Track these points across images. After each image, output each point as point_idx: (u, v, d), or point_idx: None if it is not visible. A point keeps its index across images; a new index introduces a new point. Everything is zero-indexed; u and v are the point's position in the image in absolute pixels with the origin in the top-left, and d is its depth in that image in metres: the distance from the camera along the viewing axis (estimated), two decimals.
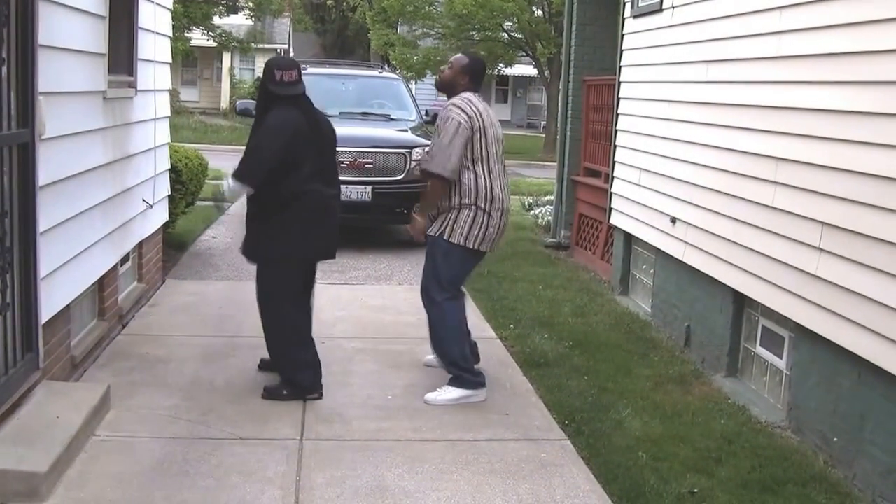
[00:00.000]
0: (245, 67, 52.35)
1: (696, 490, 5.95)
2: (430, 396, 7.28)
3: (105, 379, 7.22)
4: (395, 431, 6.65)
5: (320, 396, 7.20)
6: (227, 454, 6.10)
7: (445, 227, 7.26)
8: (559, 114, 15.70)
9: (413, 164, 13.61)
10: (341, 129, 14.14)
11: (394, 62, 39.13)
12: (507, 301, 10.64)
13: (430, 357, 7.91)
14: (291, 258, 7.14)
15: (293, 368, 7.22)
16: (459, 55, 7.67)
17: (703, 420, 7.20)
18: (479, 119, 7.19)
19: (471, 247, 7.25)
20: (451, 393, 7.29)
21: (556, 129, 16.94)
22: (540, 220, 17.30)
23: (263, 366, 7.68)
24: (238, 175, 6.91)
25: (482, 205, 7.20)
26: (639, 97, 10.78)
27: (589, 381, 7.95)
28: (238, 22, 45.82)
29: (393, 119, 15.71)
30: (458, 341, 7.42)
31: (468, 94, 7.34)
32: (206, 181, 14.20)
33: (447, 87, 7.50)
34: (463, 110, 7.17)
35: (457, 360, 7.35)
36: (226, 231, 14.79)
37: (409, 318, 9.76)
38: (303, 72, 16.95)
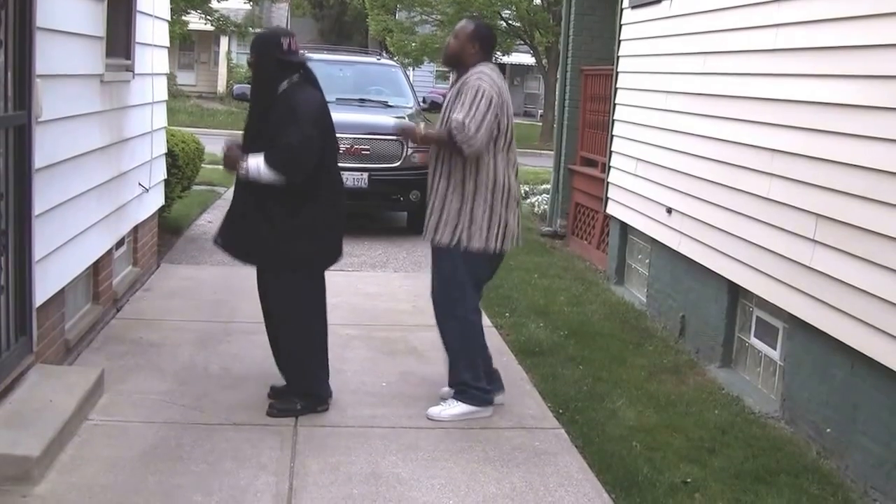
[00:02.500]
0: (242, 52, 52.13)
1: (689, 480, 5.96)
2: (434, 411, 6.73)
3: (99, 363, 7.22)
4: (389, 418, 6.65)
5: (328, 408, 6.74)
6: (221, 440, 6.10)
7: (461, 234, 6.53)
8: (556, 103, 15.69)
9: (410, 150, 13.61)
10: (338, 116, 14.11)
11: (391, 48, 39.13)
12: (502, 289, 10.64)
13: (447, 389, 7.00)
14: (321, 259, 6.69)
15: (314, 383, 6.73)
16: (463, 22, 6.85)
17: (696, 410, 7.21)
18: (502, 98, 6.50)
19: (492, 249, 6.60)
20: (456, 408, 6.74)
21: (554, 118, 16.95)
22: (536, 209, 17.30)
23: (275, 394, 6.83)
24: (278, 165, 6.20)
25: (500, 198, 6.55)
26: (636, 87, 10.77)
27: (583, 371, 7.96)
28: (236, 6, 45.66)
29: (390, 106, 15.68)
30: (475, 361, 6.80)
31: (487, 68, 6.59)
32: (203, 165, 14.17)
33: (456, 60, 6.73)
34: (489, 83, 6.44)
35: (469, 382, 6.75)
36: (221, 216, 14.68)
37: (404, 305, 9.77)
38: None
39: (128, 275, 9.49)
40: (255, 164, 6.25)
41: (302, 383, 6.70)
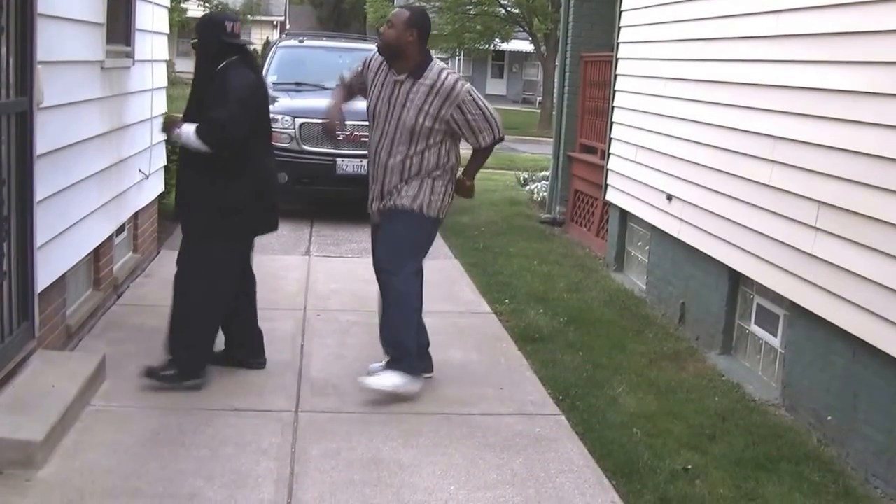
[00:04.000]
0: None
1: (689, 466, 5.97)
2: (370, 381, 6.71)
3: (100, 349, 7.22)
4: (389, 404, 6.65)
5: (200, 387, 6.71)
6: (223, 425, 6.11)
7: (422, 200, 6.71)
8: (556, 90, 15.69)
9: None
10: None
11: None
12: (502, 276, 10.65)
13: (376, 365, 7.08)
14: (240, 233, 6.83)
15: (196, 356, 6.75)
16: (397, 10, 6.84)
17: (697, 397, 7.22)
18: None
19: (441, 217, 6.89)
20: (392, 378, 6.69)
21: (552, 104, 16.97)
22: (535, 196, 17.29)
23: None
24: (207, 136, 6.46)
25: (453, 175, 6.88)
26: (636, 74, 10.77)
27: (583, 357, 7.97)
28: None
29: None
30: (414, 325, 6.86)
31: (441, 64, 6.84)
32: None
33: (394, 49, 6.69)
34: (464, 82, 6.76)
35: (410, 346, 6.75)
36: None
37: None
38: (300, 44, 16.89)
39: (128, 261, 9.50)
40: (188, 131, 6.53)
41: (187, 355, 6.72)
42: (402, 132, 6.67)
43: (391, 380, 6.68)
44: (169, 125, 6.87)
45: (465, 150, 6.81)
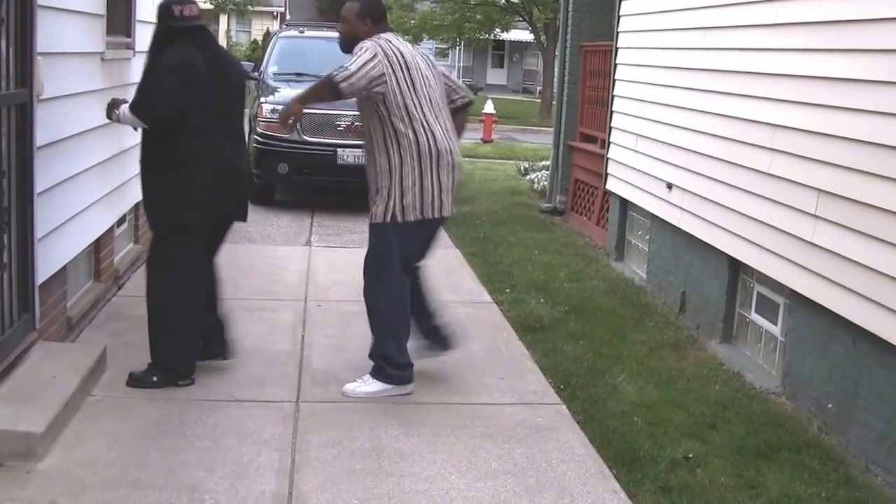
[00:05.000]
0: (241, 30, 52.25)
1: (690, 455, 5.97)
2: (349, 388, 6.66)
3: (101, 340, 7.23)
4: (390, 394, 6.66)
5: (192, 382, 6.61)
6: (224, 416, 6.12)
7: (394, 209, 6.54)
8: (556, 79, 15.70)
9: None
10: None
11: (390, 26, 39.07)
12: (502, 266, 10.66)
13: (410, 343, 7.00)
14: (190, 226, 6.51)
15: (175, 355, 6.59)
16: (348, 3, 6.65)
17: (697, 386, 7.23)
18: (400, 58, 6.42)
19: (430, 217, 6.56)
20: (372, 385, 6.68)
21: (552, 94, 16.96)
22: (536, 186, 17.29)
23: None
24: (135, 108, 6.33)
25: (426, 164, 6.47)
26: (636, 63, 10.76)
27: (584, 346, 7.97)
28: None
29: None
30: (399, 333, 6.73)
31: (384, 34, 6.55)
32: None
33: (351, 42, 6.53)
34: (373, 45, 6.37)
35: (392, 355, 6.66)
36: None
37: None
38: (300, 34, 16.87)
39: (129, 252, 9.50)
40: (123, 109, 6.47)
41: (163, 355, 6.60)
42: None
43: (372, 388, 6.66)
44: (110, 107, 6.65)
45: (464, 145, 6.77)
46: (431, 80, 6.61)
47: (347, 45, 6.61)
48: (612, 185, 11.51)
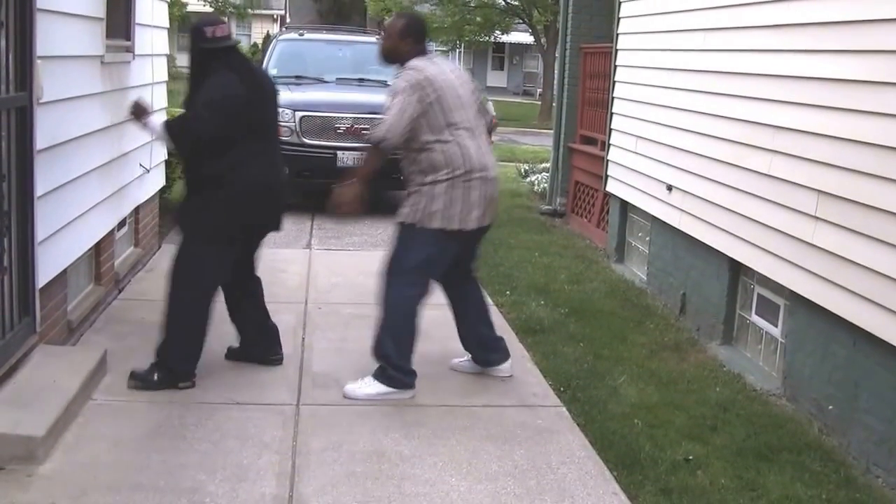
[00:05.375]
0: (241, 33, 52.19)
1: (691, 457, 5.98)
2: (349, 388, 6.68)
3: (101, 343, 7.23)
4: (391, 397, 6.67)
5: (192, 385, 6.67)
6: (224, 419, 6.12)
7: (420, 213, 6.55)
8: (555, 81, 15.70)
9: None
10: (338, 95, 14.21)
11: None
12: (502, 268, 10.66)
13: (460, 360, 7.28)
14: (225, 234, 6.65)
15: (178, 356, 6.67)
16: (392, 19, 7.00)
17: (698, 388, 7.23)
18: (436, 83, 6.48)
19: (453, 228, 6.54)
20: (372, 387, 6.69)
21: (553, 96, 16.97)
22: (536, 188, 17.30)
23: (231, 354, 7.16)
24: (169, 130, 6.59)
25: (458, 178, 6.49)
26: (636, 65, 10.77)
27: (584, 348, 7.98)
28: None
29: (389, 85, 15.63)
30: (399, 336, 6.70)
31: (416, 61, 6.59)
32: None
33: (392, 58, 6.77)
34: (407, 79, 6.48)
35: (390, 356, 6.67)
36: None
37: None
38: (300, 37, 16.93)
39: (129, 255, 9.51)
40: (157, 123, 6.73)
41: (163, 353, 6.68)
42: None
43: (372, 389, 6.67)
44: (139, 112, 6.82)
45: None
46: (467, 98, 6.70)
47: (387, 60, 6.87)
48: (612, 187, 11.51)
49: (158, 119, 6.74)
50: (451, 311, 7.14)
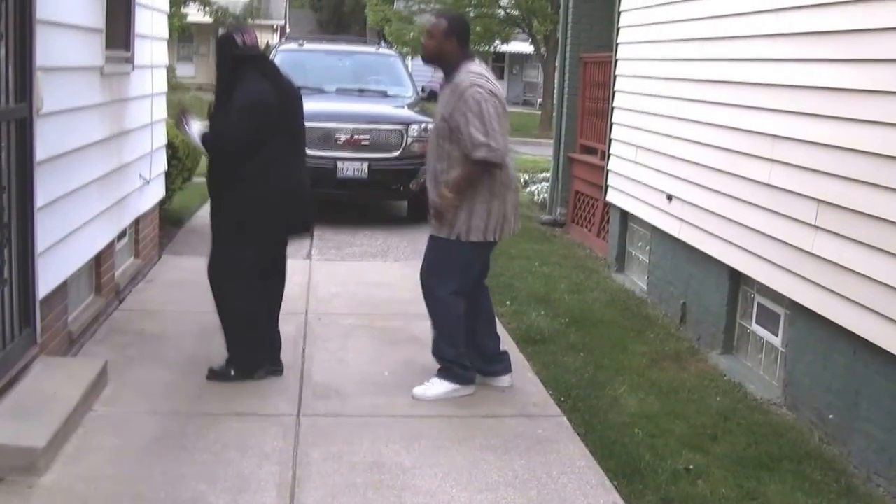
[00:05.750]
0: None
1: (691, 466, 5.97)
2: (418, 391, 6.86)
3: (102, 354, 7.24)
4: (391, 407, 6.67)
5: (266, 374, 7.04)
6: (225, 429, 6.12)
7: (461, 227, 6.61)
8: (556, 91, 15.69)
9: (410, 140, 13.62)
10: (338, 106, 14.22)
11: (390, 38, 39.13)
12: (503, 278, 10.64)
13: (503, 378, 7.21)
14: (259, 237, 6.89)
15: (247, 349, 7.00)
16: (436, 20, 6.96)
17: (698, 397, 7.23)
18: (494, 89, 6.55)
19: (491, 240, 6.75)
20: (439, 387, 6.88)
21: (553, 106, 16.97)
22: (536, 198, 17.31)
23: (212, 375, 7.05)
24: (207, 143, 6.81)
25: (498, 190, 6.62)
26: (635, 74, 10.77)
27: (585, 358, 7.97)
28: None
29: (389, 95, 15.67)
30: (455, 335, 6.89)
31: (474, 67, 6.61)
32: (203, 157, 14.15)
33: (436, 58, 6.73)
34: (482, 86, 6.46)
35: (453, 357, 6.88)
36: None
37: (406, 294, 9.76)
38: (300, 47, 16.95)
39: (130, 266, 9.51)
40: (196, 128, 6.90)
41: (232, 351, 7.01)
42: (434, 137, 6.75)
43: (440, 388, 6.87)
44: (181, 116, 6.98)
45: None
46: (505, 106, 6.75)
47: (431, 61, 6.83)
48: (612, 196, 11.52)
49: (197, 129, 6.85)
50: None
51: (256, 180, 6.70)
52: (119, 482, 5.34)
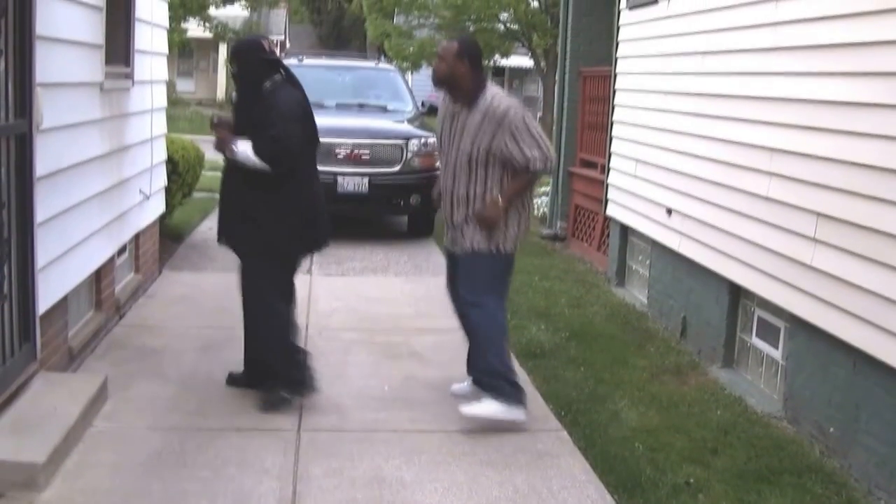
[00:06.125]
0: None
1: (692, 480, 5.96)
2: (466, 409, 6.64)
3: (102, 370, 7.23)
4: (391, 422, 6.67)
5: (315, 391, 6.95)
6: (225, 445, 6.12)
7: (499, 238, 6.68)
8: (555, 105, 15.69)
9: (410, 154, 13.63)
10: (338, 121, 14.22)
11: (390, 53, 39.13)
12: None
13: (460, 386, 7.15)
14: (293, 248, 6.97)
15: (291, 366, 6.89)
16: (447, 43, 6.87)
17: (699, 411, 7.22)
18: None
19: (513, 249, 6.81)
20: (491, 406, 6.63)
21: (553, 120, 16.97)
22: (536, 212, 17.29)
23: (232, 380, 7.17)
24: (264, 155, 6.53)
25: (528, 203, 6.85)
26: (635, 88, 10.79)
27: (585, 372, 7.97)
28: (234, 13, 45.78)
29: (389, 110, 15.68)
30: (502, 346, 6.81)
31: (495, 89, 6.72)
32: (203, 172, 14.17)
33: (448, 81, 6.72)
34: (515, 105, 6.62)
35: (504, 373, 6.71)
36: None
37: (406, 309, 9.78)
38: (299, 63, 17.01)
39: (130, 282, 9.51)
40: (244, 149, 6.59)
41: (283, 370, 6.87)
42: (461, 161, 6.68)
43: (490, 408, 6.64)
44: (222, 142, 6.72)
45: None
46: None
47: (442, 83, 6.81)
48: (612, 210, 11.52)
49: (244, 146, 6.59)
50: (465, 334, 7.06)
51: (281, 192, 6.68)
52: (119, 498, 5.33)
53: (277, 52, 6.88)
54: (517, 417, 6.65)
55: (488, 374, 6.73)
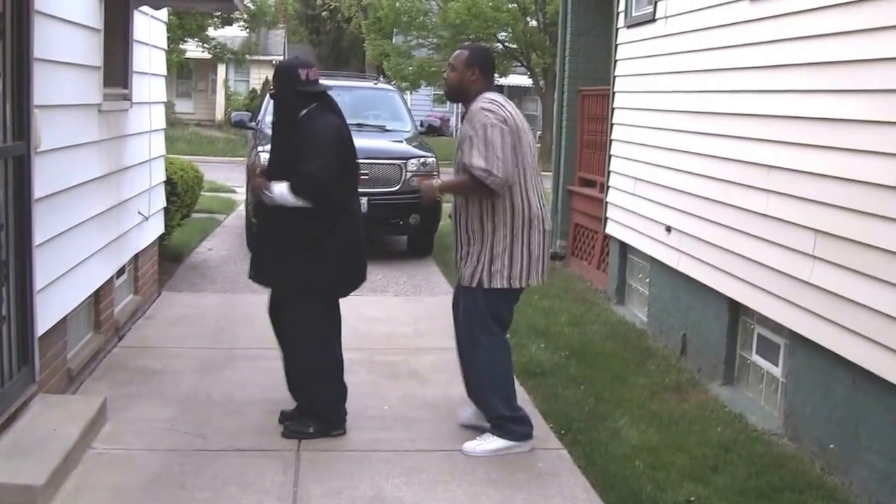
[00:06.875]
0: (240, 79, 52.29)
1: (692, 498, 5.95)
2: (469, 446, 6.51)
3: (101, 391, 7.22)
4: (391, 442, 6.66)
5: (345, 432, 6.77)
6: (225, 466, 6.11)
7: (482, 273, 6.42)
8: (554, 124, 15.71)
9: (409, 174, 13.64)
10: None
11: (388, 73, 39.20)
12: None
13: (466, 415, 7.01)
14: (340, 287, 6.82)
15: (325, 407, 6.77)
16: (457, 51, 6.71)
17: (699, 428, 7.21)
18: (514, 122, 6.36)
19: (517, 286, 6.49)
20: (492, 443, 6.54)
21: (551, 138, 16.99)
22: None
23: (285, 418, 6.87)
24: (300, 191, 6.38)
25: (518, 233, 6.40)
26: (633, 107, 10.80)
27: (585, 391, 7.95)
28: (233, 33, 45.90)
29: (388, 130, 15.70)
30: (504, 389, 6.63)
31: (490, 95, 6.44)
32: (202, 193, 14.18)
33: (458, 92, 6.59)
34: (494, 112, 6.29)
35: (505, 413, 6.57)
36: (221, 243, 14.80)
37: (405, 328, 9.78)
38: None
39: (129, 303, 9.50)
40: (280, 190, 6.43)
41: (313, 407, 6.76)
42: (456, 171, 6.58)
43: (494, 444, 6.54)
44: (257, 187, 6.60)
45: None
46: (532, 143, 6.59)
47: (453, 94, 6.69)
48: (611, 229, 11.52)
49: (279, 187, 6.43)
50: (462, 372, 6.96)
51: (328, 225, 6.56)
52: None
53: (318, 79, 6.63)
54: (521, 450, 6.58)
55: (495, 419, 6.61)
